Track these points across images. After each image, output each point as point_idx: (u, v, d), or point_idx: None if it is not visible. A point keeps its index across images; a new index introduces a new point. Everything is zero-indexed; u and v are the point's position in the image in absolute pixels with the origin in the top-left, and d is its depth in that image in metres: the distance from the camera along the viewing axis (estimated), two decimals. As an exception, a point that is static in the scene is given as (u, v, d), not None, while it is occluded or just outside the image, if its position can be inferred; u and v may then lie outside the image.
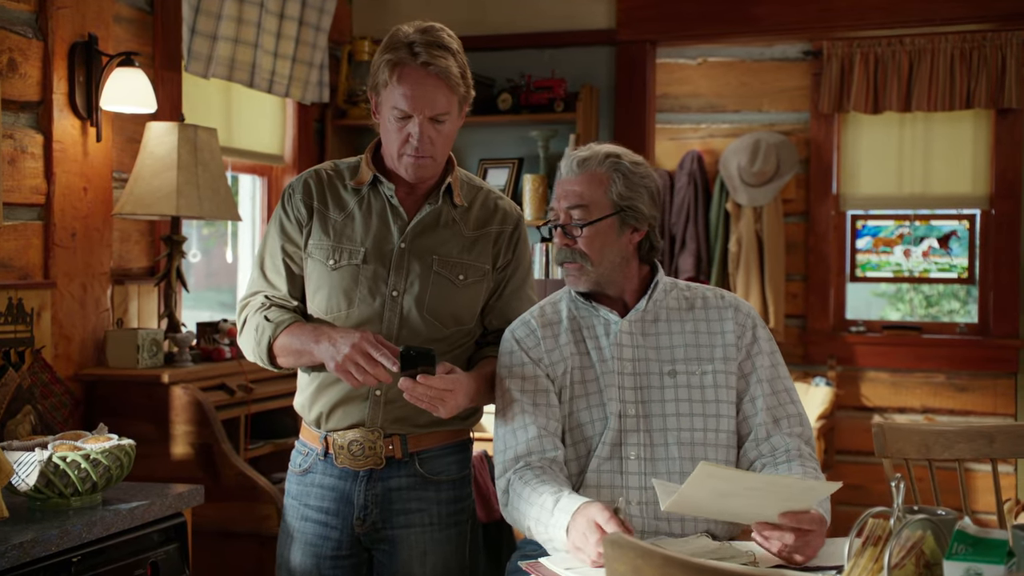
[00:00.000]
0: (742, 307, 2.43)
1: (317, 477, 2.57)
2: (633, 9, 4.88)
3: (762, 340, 2.40)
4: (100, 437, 2.72)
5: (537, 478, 2.24)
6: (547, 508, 2.15)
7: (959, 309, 6.68)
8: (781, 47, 6.44)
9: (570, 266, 2.38)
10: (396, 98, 2.38)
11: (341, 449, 2.51)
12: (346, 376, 2.31)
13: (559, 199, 2.38)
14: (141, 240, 3.88)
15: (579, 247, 2.35)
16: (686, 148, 6.57)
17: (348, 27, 5.23)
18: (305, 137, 4.90)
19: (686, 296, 2.44)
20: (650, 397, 2.33)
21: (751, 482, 2.04)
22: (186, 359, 3.57)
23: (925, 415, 6.28)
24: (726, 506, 2.07)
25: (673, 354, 2.37)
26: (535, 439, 2.31)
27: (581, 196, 2.34)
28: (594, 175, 2.34)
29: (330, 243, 2.51)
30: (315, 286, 2.53)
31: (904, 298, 6.79)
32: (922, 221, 6.46)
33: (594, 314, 2.41)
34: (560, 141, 4.87)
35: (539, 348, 2.39)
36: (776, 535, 2.04)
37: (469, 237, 2.54)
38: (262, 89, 4.34)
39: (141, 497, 2.75)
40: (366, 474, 2.52)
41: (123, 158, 3.76)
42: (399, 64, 2.38)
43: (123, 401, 3.45)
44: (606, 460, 2.30)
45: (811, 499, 2.04)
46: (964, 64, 5.99)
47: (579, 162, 2.37)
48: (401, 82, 2.38)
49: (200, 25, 3.96)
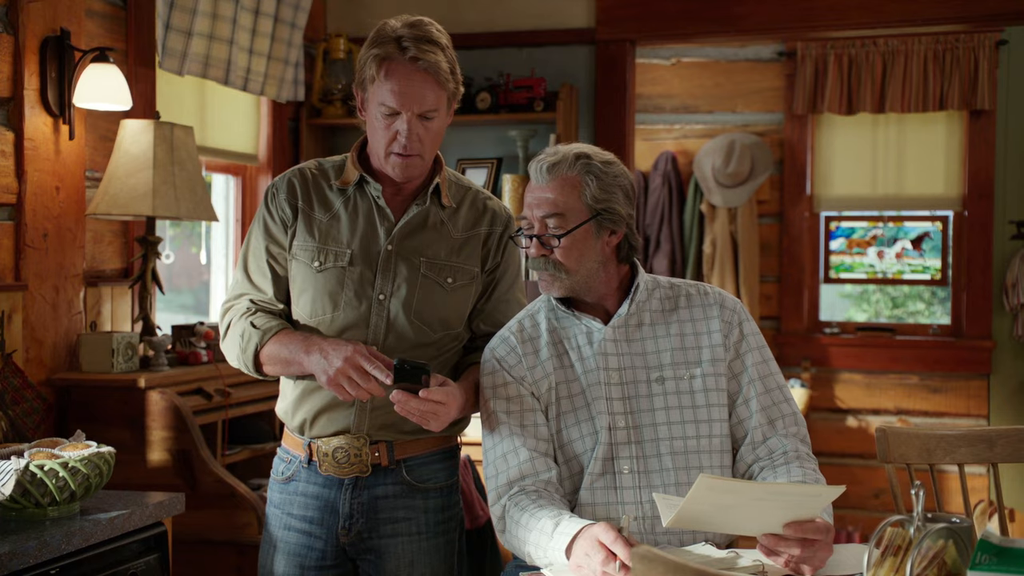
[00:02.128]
0: (727, 302, 2.36)
1: (300, 485, 2.50)
2: (612, 8, 4.83)
3: (750, 336, 2.33)
4: (78, 444, 2.64)
5: (534, 503, 2.18)
6: (546, 532, 2.08)
7: (924, 310, 6.69)
8: (755, 48, 6.42)
9: (543, 275, 2.29)
10: (384, 94, 2.32)
11: (325, 456, 2.44)
12: (338, 390, 2.25)
13: (531, 207, 2.28)
14: (114, 241, 3.78)
15: (556, 257, 2.27)
16: (660, 149, 6.54)
17: (323, 24, 5.15)
18: (279, 136, 4.81)
19: (669, 295, 2.36)
20: (639, 407, 2.27)
21: (754, 493, 1.98)
22: (162, 363, 3.48)
23: (899, 417, 6.28)
24: (728, 519, 2.02)
25: (660, 359, 2.30)
26: (527, 462, 2.25)
27: (555, 204, 2.24)
28: (566, 179, 2.24)
29: (315, 244, 2.44)
30: (300, 288, 2.46)
31: (870, 299, 6.80)
32: (895, 222, 6.47)
33: (575, 323, 2.33)
34: (540, 141, 4.81)
35: (521, 366, 2.32)
36: (783, 547, 1.98)
37: (458, 239, 2.48)
38: (237, 87, 4.25)
39: (120, 506, 2.67)
40: (351, 482, 2.45)
41: (96, 157, 3.66)
42: (387, 59, 2.31)
43: (97, 407, 3.35)
44: (599, 476, 2.24)
45: (816, 507, 1.98)
46: (937, 66, 6.01)
47: (549, 167, 2.25)
48: (389, 78, 2.31)
49: (174, 21, 3.87)
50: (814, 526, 1.97)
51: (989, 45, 5.95)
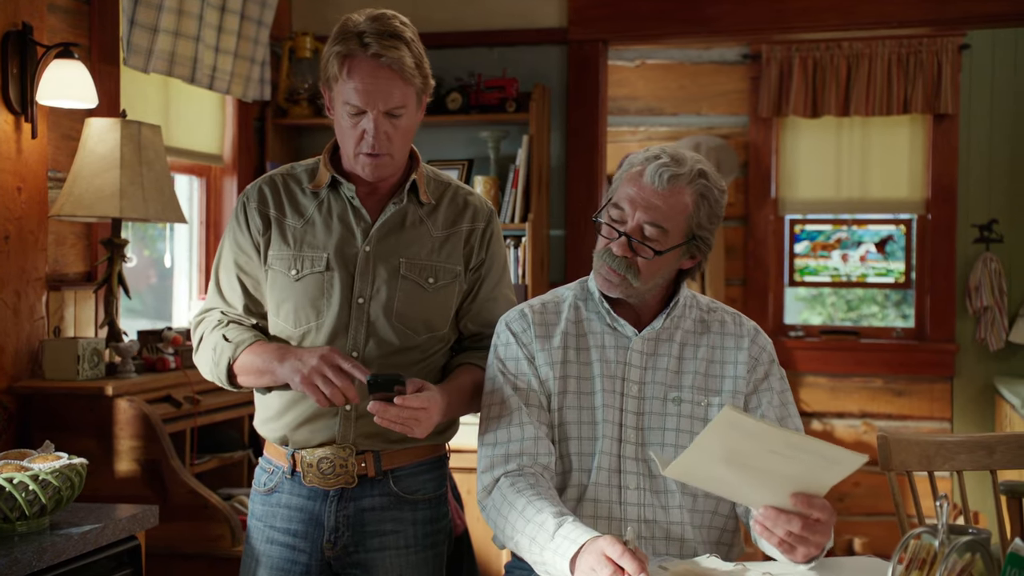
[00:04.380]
0: (759, 339, 2.27)
1: (284, 497, 2.40)
2: (585, 8, 4.78)
3: (773, 378, 2.25)
4: (48, 456, 2.53)
5: (533, 489, 2.08)
6: (547, 530, 1.99)
7: (878, 313, 6.71)
8: (719, 50, 6.41)
9: (612, 273, 2.17)
10: (348, 92, 2.23)
11: (310, 467, 2.35)
12: (312, 391, 2.16)
13: (635, 206, 2.13)
14: (77, 243, 3.65)
15: (637, 264, 2.15)
16: (624, 151, 6.50)
17: (288, 22, 5.04)
18: (245, 137, 4.69)
19: (703, 317, 2.28)
20: (650, 424, 2.19)
21: (773, 441, 1.81)
22: (130, 370, 3.36)
23: (863, 420, 6.29)
24: (732, 477, 1.88)
25: (681, 380, 2.22)
26: (531, 440, 2.15)
27: (664, 216, 2.12)
28: (681, 195, 2.12)
29: (291, 252, 2.35)
30: (278, 299, 2.36)
31: (825, 302, 6.81)
32: (860, 225, 6.48)
33: (604, 323, 2.24)
34: (511, 143, 4.74)
35: (532, 345, 2.23)
36: (783, 521, 1.88)
37: (438, 237, 2.39)
38: (203, 85, 4.14)
39: (92, 520, 2.57)
40: (336, 493, 2.36)
41: (59, 156, 3.53)
42: (348, 56, 2.22)
43: (62, 415, 3.23)
44: (604, 487, 2.17)
45: (832, 476, 1.84)
46: (901, 69, 6.03)
47: (670, 176, 2.11)
48: (352, 75, 2.22)
49: (140, 16, 3.75)
50: (821, 503, 1.87)
51: (952, 49, 5.98)
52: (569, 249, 4.86)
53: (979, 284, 6.00)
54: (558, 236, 4.89)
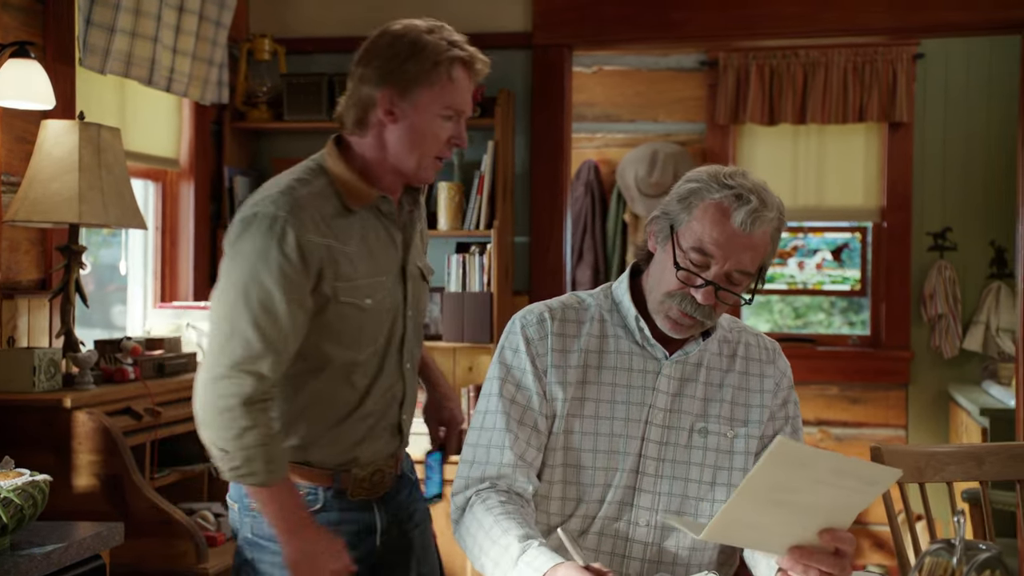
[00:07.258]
0: (780, 363, 2.17)
1: (333, 515, 2.30)
2: (550, 12, 4.71)
3: (790, 404, 2.15)
4: (8, 473, 2.41)
5: (502, 506, 1.96)
6: (511, 554, 1.86)
7: (824, 319, 6.74)
8: (677, 57, 6.40)
9: (685, 317, 2.01)
10: (451, 96, 2.24)
11: (361, 482, 2.32)
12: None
13: (723, 251, 1.95)
14: (31, 250, 3.51)
15: (719, 311, 2.03)
16: (582, 158, 6.46)
17: (245, 24, 4.92)
18: (202, 140, 4.57)
19: (728, 338, 2.15)
20: (674, 456, 2.06)
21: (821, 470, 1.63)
22: (88, 381, 3.23)
23: (820, 428, 6.30)
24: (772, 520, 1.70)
25: (707, 408, 2.09)
26: (509, 467, 2.02)
27: (752, 261, 1.97)
28: (765, 236, 1.97)
29: (357, 281, 2.22)
30: (352, 333, 2.23)
31: (772, 309, 6.82)
32: (816, 233, 6.50)
33: (634, 343, 2.09)
34: (477, 148, 4.66)
35: (547, 358, 2.07)
36: (815, 561, 1.73)
37: (422, 230, 2.48)
38: (160, 88, 4.01)
39: (55, 539, 2.46)
40: (380, 498, 2.38)
41: (12, 160, 3.39)
42: (460, 62, 2.26)
43: (17, 429, 3.08)
44: (612, 521, 2.05)
45: (870, 496, 1.69)
46: (857, 78, 6.06)
47: (757, 218, 1.93)
48: (457, 79, 2.26)
49: (96, 16, 3.63)
50: (847, 536, 1.74)
51: (907, 58, 6.03)
52: (533, 256, 4.80)
53: (933, 292, 6.05)
54: (522, 243, 4.82)
